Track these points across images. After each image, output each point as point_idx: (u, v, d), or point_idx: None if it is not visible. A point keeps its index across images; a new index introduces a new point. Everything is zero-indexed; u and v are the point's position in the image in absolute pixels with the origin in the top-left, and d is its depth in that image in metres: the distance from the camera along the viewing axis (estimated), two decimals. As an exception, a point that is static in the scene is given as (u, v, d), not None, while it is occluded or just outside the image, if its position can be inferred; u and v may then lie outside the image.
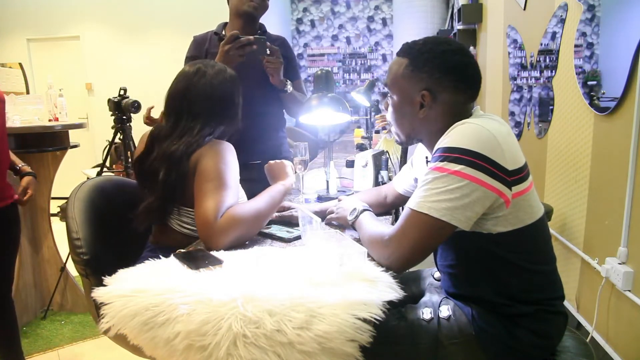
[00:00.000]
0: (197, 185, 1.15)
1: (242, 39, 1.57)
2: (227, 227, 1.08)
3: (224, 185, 1.14)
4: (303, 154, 1.49)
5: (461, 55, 0.99)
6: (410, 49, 1.02)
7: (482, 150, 0.86)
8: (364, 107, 3.41)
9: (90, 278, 1.17)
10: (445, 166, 0.88)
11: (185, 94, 1.24)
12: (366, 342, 0.78)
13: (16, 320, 1.76)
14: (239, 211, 1.11)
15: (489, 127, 0.89)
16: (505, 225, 0.92)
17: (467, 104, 1.01)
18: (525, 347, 0.95)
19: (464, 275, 1.03)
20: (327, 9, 6.66)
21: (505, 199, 0.89)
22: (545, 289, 0.99)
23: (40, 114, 2.44)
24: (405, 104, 1.02)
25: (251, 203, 1.18)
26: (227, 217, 1.08)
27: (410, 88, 1.00)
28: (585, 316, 2.06)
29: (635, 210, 1.66)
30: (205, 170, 1.15)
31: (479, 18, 4.08)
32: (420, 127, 1.03)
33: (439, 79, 0.97)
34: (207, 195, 1.11)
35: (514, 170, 0.89)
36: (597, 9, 1.98)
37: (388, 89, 1.07)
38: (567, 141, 2.23)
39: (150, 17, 5.21)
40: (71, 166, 3.03)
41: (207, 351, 0.77)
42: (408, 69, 1.00)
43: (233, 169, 1.20)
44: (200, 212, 1.10)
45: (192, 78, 1.25)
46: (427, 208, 0.88)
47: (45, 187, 2.40)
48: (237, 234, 1.10)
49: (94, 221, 1.28)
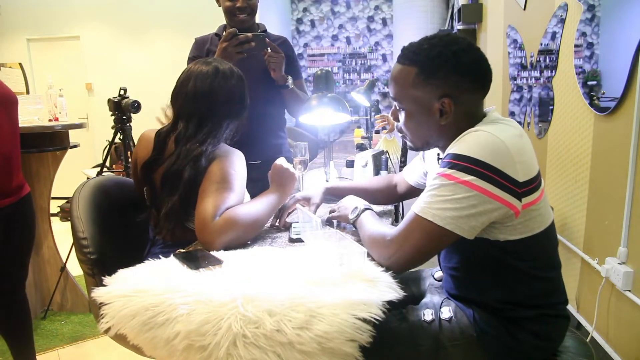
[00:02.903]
0: (202, 186, 1.15)
1: (240, 36, 1.57)
2: (224, 227, 1.08)
3: (229, 188, 1.14)
4: (303, 154, 1.49)
5: (473, 52, 0.94)
6: (416, 55, 0.94)
7: (493, 162, 0.83)
8: (364, 107, 3.41)
9: (96, 277, 1.17)
10: (454, 174, 0.85)
11: (209, 95, 1.24)
12: (366, 342, 0.77)
13: (30, 317, 1.75)
14: (237, 213, 1.11)
15: (503, 136, 0.86)
16: (513, 234, 0.90)
17: (484, 97, 0.98)
18: (527, 349, 0.95)
19: (468, 278, 1.02)
20: (327, 9, 6.66)
21: (515, 211, 0.87)
22: (550, 294, 0.98)
23: (40, 114, 2.43)
24: (422, 114, 0.96)
25: (250, 207, 1.17)
26: (225, 218, 1.08)
27: (426, 97, 0.94)
28: (585, 316, 2.06)
29: (635, 210, 1.66)
30: (213, 172, 1.16)
31: (479, 18, 4.07)
32: (441, 134, 0.98)
33: (457, 83, 0.92)
34: (209, 196, 1.12)
35: (525, 181, 0.86)
36: (597, 9, 1.98)
37: (397, 102, 1.00)
38: (567, 141, 2.23)
39: (150, 17, 5.21)
40: (71, 166, 3.03)
41: (207, 351, 0.77)
42: (419, 77, 0.93)
43: (240, 175, 1.20)
44: (199, 210, 1.11)
45: (215, 80, 1.25)
46: (431, 215, 0.87)
47: (45, 187, 2.40)
48: (233, 235, 1.10)
49: (99, 220, 1.28)
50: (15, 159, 1.58)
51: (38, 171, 2.36)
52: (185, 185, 1.18)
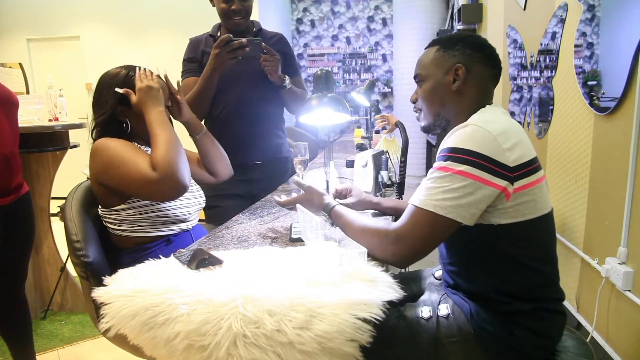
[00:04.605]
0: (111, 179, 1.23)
1: (234, 43, 1.56)
2: (167, 169, 1.16)
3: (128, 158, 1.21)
4: (303, 154, 1.49)
5: (485, 40, 1.10)
6: (438, 38, 1.13)
7: (483, 150, 0.90)
8: (364, 107, 3.41)
9: (90, 280, 1.17)
10: (449, 166, 0.91)
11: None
12: (366, 342, 0.78)
13: (30, 317, 1.75)
14: (158, 154, 1.18)
15: (491, 128, 0.92)
16: (505, 218, 0.94)
17: (493, 83, 1.10)
18: (524, 346, 0.95)
19: (464, 269, 1.04)
20: (327, 9, 6.66)
21: (507, 193, 0.91)
22: (544, 288, 0.99)
23: (40, 114, 2.44)
24: (438, 77, 1.08)
25: (156, 144, 1.21)
26: (159, 163, 1.16)
27: (443, 65, 1.08)
28: (585, 316, 2.06)
29: (635, 210, 1.66)
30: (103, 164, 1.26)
31: (479, 18, 4.08)
32: (452, 103, 1.08)
33: (471, 55, 1.06)
34: (129, 170, 1.19)
35: (517, 165, 0.91)
36: (597, 9, 1.98)
37: (418, 78, 1.13)
38: (567, 141, 2.23)
39: (150, 17, 5.21)
40: (71, 166, 3.02)
41: (207, 351, 0.77)
42: (440, 52, 1.09)
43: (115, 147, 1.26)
44: (137, 178, 1.18)
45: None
46: (432, 206, 0.91)
47: (45, 187, 2.40)
48: (180, 165, 1.18)
49: (93, 223, 1.28)
50: (16, 159, 1.58)
51: (38, 171, 2.36)
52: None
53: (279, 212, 1.48)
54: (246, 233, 1.27)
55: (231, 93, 1.80)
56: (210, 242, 1.19)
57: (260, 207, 1.57)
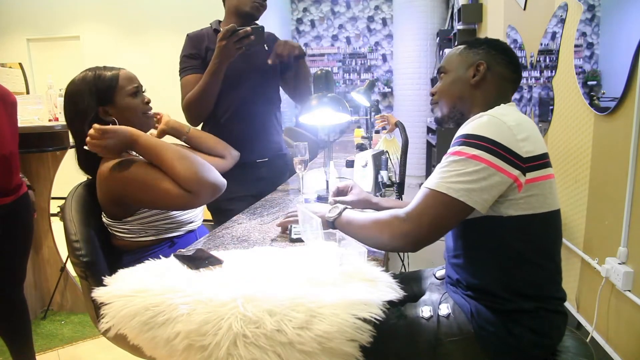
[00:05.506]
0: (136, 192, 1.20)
1: (240, 32, 1.55)
2: (197, 183, 1.15)
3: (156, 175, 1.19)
4: (303, 154, 1.49)
5: (510, 47, 1.14)
6: (465, 40, 1.18)
7: (497, 138, 0.91)
8: (364, 107, 3.41)
9: (89, 280, 1.16)
10: (463, 150, 0.92)
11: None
12: (366, 342, 0.78)
13: (29, 317, 1.75)
14: (179, 175, 1.15)
15: (506, 119, 0.94)
16: (516, 210, 0.94)
17: (512, 87, 1.12)
18: (525, 346, 0.95)
19: (469, 263, 1.03)
20: (327, 9, 6.66)
21: (519, 183, 0.92)
22: (547, 286, 0.99)
23: (40, 114, 2.43)
24: (459, 70, 1.12)
25: (169, 167, 1.18)
26: (186, 182, 1.15)
27: (467, 60, 1.12)
28: (585, 316, 2.06)
29: (635, 210, 1.66)
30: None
31: (479, 18, 4.08)
32: (468, 97, 1.10)
33: (495, 55, 1.09)
34: (158, 185, 1.17)
35: (529, 157, 0.92)
36: (597, 9, 1.99)
37: (441, 70, 1.17)
38: (567, 141, 2.23)
39: (150, 17, 5.21)
40: (71, 166, 3.01)
41: (207, 351, 0.77)
42: (465, 49, 1.14)
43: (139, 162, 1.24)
44: (171, 205, 1.19)
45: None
46: (445, 188, 0.91)
47: (45, 187, 2.40)
48: (205, 172, 1.17)
49: (92, 223, 1.27)
50: (15, 159, 1.59)
51: (38, 171, 2.37)
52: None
53: (279, 212, 1.49)
54: (246, 233, 1.27)
55: (234, 95, 1.79)
56: (210, 242, 1.19)
57: (260, 207, 1.57)
